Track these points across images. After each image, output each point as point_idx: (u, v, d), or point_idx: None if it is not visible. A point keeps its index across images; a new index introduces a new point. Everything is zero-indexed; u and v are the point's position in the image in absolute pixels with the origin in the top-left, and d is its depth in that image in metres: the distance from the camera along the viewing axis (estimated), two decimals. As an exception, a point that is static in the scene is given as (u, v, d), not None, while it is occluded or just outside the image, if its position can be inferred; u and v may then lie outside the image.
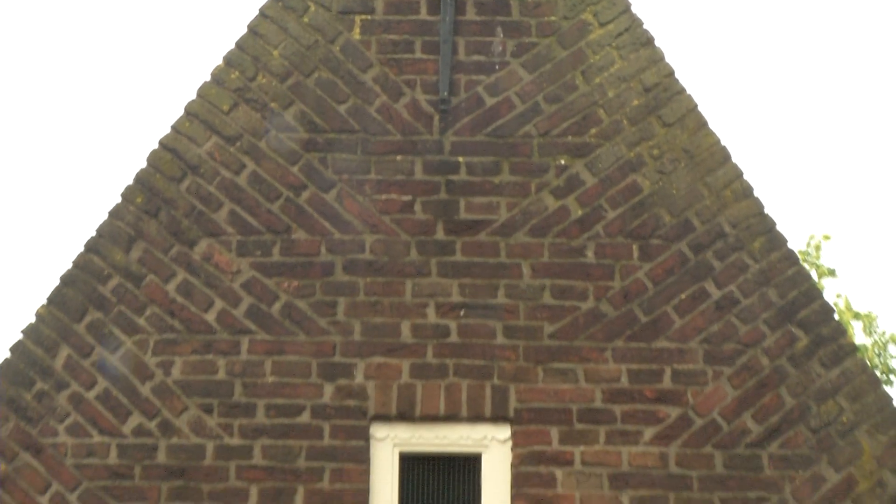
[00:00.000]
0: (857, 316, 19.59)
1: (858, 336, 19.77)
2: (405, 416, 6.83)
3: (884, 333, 20.82)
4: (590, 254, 6.92)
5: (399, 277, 6.97)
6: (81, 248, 6.98)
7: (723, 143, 7.45)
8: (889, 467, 6.71)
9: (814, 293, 7.16)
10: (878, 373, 18.68)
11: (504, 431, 6.78)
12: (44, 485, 6.64)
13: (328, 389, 6.81)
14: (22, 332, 6.88)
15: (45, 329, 6.74)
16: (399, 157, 7.23)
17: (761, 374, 6.79)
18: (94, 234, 6.97)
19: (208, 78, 7.38)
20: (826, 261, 19.80)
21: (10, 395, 6.74)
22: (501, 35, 7.64)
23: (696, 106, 7.47)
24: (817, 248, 19.31)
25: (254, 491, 6.64)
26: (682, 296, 6.87)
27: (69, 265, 6.97)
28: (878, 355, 20.09)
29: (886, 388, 7.59)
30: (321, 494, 6.65)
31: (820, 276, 18.80)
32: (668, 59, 7.68)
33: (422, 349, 7.10)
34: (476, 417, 6.77)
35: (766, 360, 6.85)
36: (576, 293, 6.96)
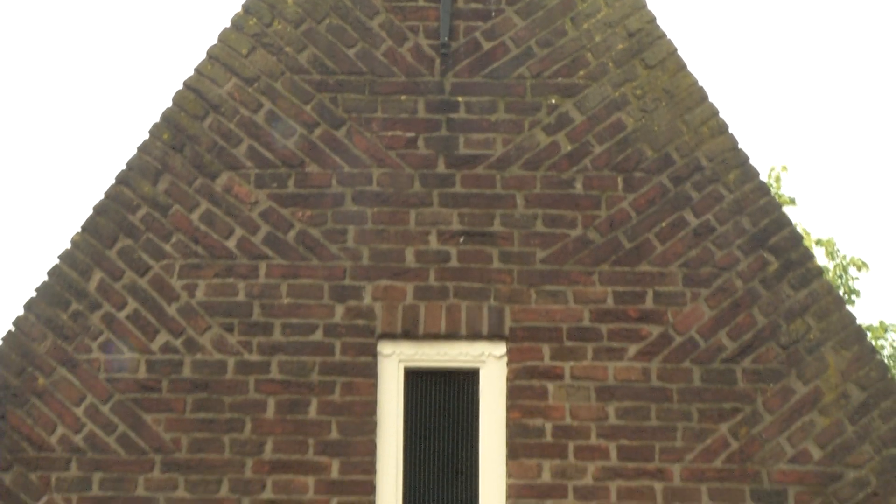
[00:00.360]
0: (818, 242, 20.17)
1: (821, 260, 20.32)
2: (409, 334, 7.21)
3: (844, 257, 21.35)
4: (578, 185, 7.32)
5: (403, 207, 7.39)
6: (113, 181, 7.42)
7: (700, 83, 7.81)
8: (852, 380, 7.10)
9: (783, 221, 7.59)
10: (840, 293, 19.22)
11: (500, 348, 7.17)
12: (79, 397, 7.09)
13: (339, 310, 7.21)
14: (58, 257, 7.29)
15: (80, 254, 7.19)
16: (403, 97, 7.61)
17: (735, 296, 7.21)
18: (124, 167, 7.38)
19: (228, 24, 7.78)
20: (786, 190, 20.40)
21: (48, 315, 7.19)
22: None
23: (675, 50, 7.89)
24: (777, 179, 19.75)
25: (271, 402, 7.04)
26: (663, 224, 7.29)
27: (101, 196, 7.38)
28: (840, 277, 20.72)
29: (849, 308, 8.04)
30: (332, 406, 7.05)
31: (781, 206, 19.21)
32: (649, 7, 8.00)
33: (424, 273, 7.48)
34: (474, 335, 7.17)
35: (740, 283, 7.28)
36: (565, 222, 7.38)
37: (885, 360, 16.72)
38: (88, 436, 7.22)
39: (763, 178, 8.01)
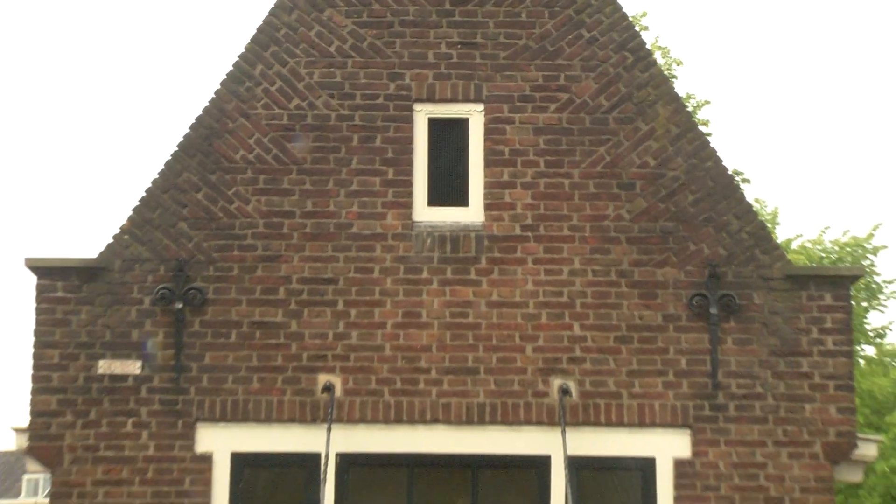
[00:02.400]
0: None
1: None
2: (430, 99, 10.39)
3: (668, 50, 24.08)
4: None
5: (423, 27, 10.69)
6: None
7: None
8: (673, 122, 10.29)
9: (636, 32, 10.75)
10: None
11: (479, 107, 10.30)
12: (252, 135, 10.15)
13: (391, 86, 10.32)
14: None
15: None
16: None
17: (609, 76, 10.36)
18: None
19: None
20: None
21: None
22: None
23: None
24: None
25: (354, 138, 10.30)
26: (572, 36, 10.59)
27: None
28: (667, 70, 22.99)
29: (674, 84, 11.19)
30: (386, 139, 10.25)
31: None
32: None
33: (438, 65, 10.44)
34: (466, 100, 10.36)
35: (612, 69, 10.37)
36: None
37: (692, 111, 18.15)
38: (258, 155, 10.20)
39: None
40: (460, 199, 10.43)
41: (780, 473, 9.76)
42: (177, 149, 10.40)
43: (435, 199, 10.43)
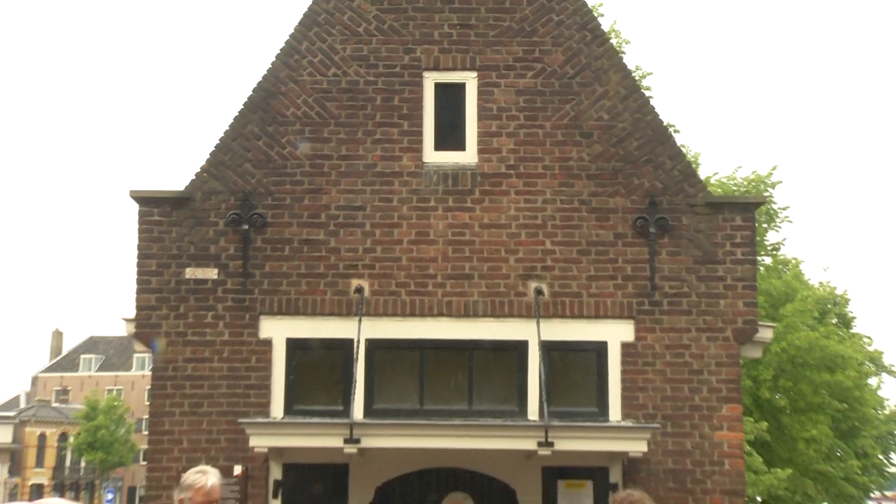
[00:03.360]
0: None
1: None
2: (437, 68, 10.50)
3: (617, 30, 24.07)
4: None
5: None
6: None
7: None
8: (622, 86, 10.42)
9: None
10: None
11: None
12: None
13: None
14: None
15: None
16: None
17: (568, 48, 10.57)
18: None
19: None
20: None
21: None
22: None
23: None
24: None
25: (378, 98, 10.42)
26: None
27: None
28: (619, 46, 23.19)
29: (622, 56, 11.37)
30: (402, 98, 10.43)
31: None
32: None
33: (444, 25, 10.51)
34: (463, 69, 10.50)
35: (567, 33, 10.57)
36: None
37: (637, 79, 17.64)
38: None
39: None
40: (459, 145, 10.60)
41: (700, 352, 10.12)
42: (242, 107, 10.64)
43: (440, 145, 10.61)
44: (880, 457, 37.40)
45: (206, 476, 6.84)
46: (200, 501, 6.72)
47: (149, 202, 10.50)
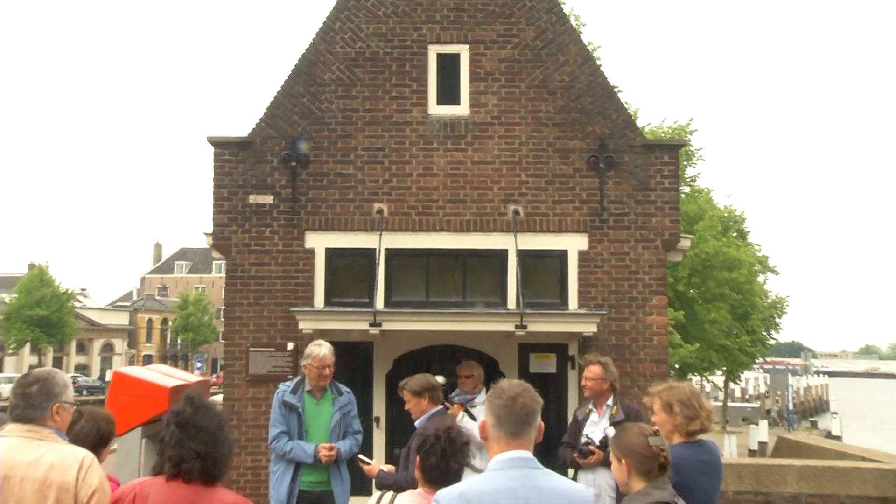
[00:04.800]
0: None
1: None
2: (438, 42, 10.26)
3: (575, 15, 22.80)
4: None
5: None
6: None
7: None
8: (579, 56, 10.13)
9: None
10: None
11: None
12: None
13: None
14: None
15: None
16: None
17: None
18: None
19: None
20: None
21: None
22: None
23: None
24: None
25: (388, 64, 10.31)
26: None
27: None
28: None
29: (580, 35, 10.97)
30: (413, 64, 10.19)
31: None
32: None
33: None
34: (458, 42, 10.28)
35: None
36: None
37: (591, 52, 16.63)
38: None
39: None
40: (455, 101, 10.41)
41: (637, 257, 10.07)
42: (290, 73, 10.45)
43: (441, 101, 10.41)
44: (764, 333, 38.30)
45: (320, 347, 7.07)
46: (317, 366, 6.99)
47: (221, 145, 10.36)
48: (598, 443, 6.43)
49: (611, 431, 6.38)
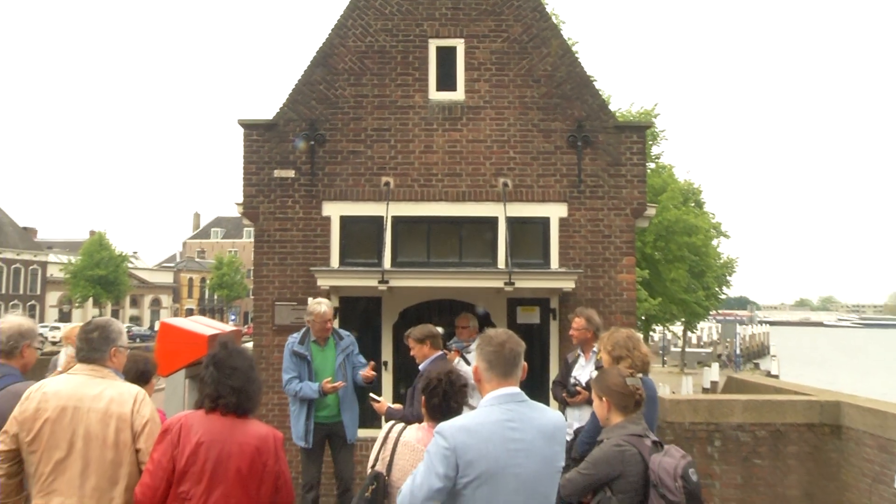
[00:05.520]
0: None
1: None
2: (438, 37, 10.03)
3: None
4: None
5: None
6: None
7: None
8: (560, 49, 9.85)
9: None
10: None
11: None
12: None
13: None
14: None
15: None
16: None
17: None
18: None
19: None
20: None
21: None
22: None
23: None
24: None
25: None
26: None
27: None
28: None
29: (554, 21, 11.44)
30: (420, 52, 10.02)
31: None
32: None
33: None
34: (455, 37, 10.09)
35: None
36: None
37: (570, 45, 16.30)
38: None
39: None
40: (452, 87, 10.20)
41: (609, 224, 9.94)
42: (309, 63, 10.26)
43: (440, 87, 10.20)
44: (717, 289, 38.54)
45: (320, 305, 7.13)
46: (319, 321, 7.08)
47: (250, 127, 10.17)
48: (584, 384, 6.44)
49: (578, 373, 6.57)
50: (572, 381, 6.65)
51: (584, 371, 6.67)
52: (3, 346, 4.39)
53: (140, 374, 4.44)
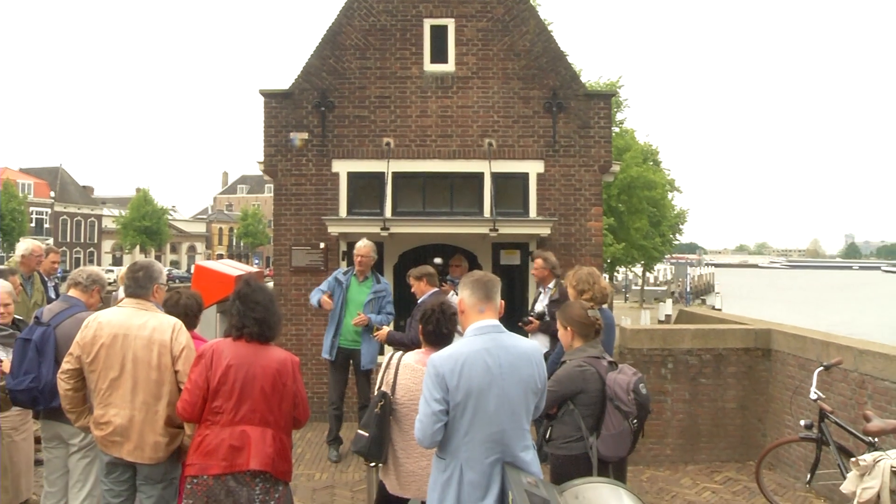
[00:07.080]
0: None
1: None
2: (432, 17, 9.77)
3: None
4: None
5: None
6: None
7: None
8: (537, 27, 9.57)
9: None
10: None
11: None
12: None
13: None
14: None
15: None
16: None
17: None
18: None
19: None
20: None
21: None
22: None
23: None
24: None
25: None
26: None
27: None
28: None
29: (535, 11, 11.14)
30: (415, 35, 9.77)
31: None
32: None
33: None
34: (446, 17, 9.82)
35: None
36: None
37: (546, 25, 15.35)
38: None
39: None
40: (445, 59, 9.96)
41: (580, 178, 9.81)
42: (320, 40, 10.02)
43: (434, 60, 9.96)
44: (671, 236, 38.64)
45: (361, 242, 7.21)
46: (357, 254, 7.17)
47: (270, 96, 9.96)
48: (536, 314, 6.43)
49: (538, 307, 6.50)
50: (532, 313, 6.61)
51: (540, 304, 6.63)
52: (84, 282, 4.50)
53: (199, 307, 4.38)
